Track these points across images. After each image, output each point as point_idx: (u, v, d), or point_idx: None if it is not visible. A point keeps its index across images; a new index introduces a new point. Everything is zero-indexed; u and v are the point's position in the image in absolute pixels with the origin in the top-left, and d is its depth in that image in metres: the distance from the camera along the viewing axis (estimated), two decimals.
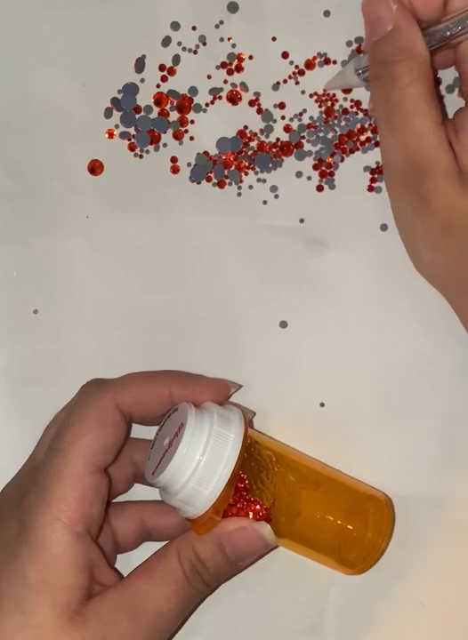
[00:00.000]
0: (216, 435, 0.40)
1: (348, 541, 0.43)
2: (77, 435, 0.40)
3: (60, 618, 0.38)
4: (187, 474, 0.39)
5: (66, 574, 0.38)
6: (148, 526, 0.44)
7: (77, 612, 0.38)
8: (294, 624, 0.47)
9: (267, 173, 0.48)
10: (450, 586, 0.47)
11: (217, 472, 0.39)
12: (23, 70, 0.47)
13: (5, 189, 0.47)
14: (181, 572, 0.40)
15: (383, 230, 0.47)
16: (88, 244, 0.48)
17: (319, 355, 0.47)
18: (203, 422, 0.40)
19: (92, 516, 0.40)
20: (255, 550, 0.41)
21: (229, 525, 0.40)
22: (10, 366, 0.47)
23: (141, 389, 0.42)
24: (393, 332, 0.47)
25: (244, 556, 0.41)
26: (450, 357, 0.47)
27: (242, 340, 0.48)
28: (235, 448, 0.40)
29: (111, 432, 0.41)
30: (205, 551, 0.40)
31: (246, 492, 0.41)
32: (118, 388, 0.42)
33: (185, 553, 0.40)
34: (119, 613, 0.39)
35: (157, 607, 0.39)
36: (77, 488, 0.39)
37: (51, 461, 0.40)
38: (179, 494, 0.40)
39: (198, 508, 0.40)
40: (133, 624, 0.39)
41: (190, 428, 0.40)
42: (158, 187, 0.48)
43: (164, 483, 0.40)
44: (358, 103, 0.48)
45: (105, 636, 0.38)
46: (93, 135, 0.48)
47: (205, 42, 0.48)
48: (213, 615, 0.47)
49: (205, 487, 0.39)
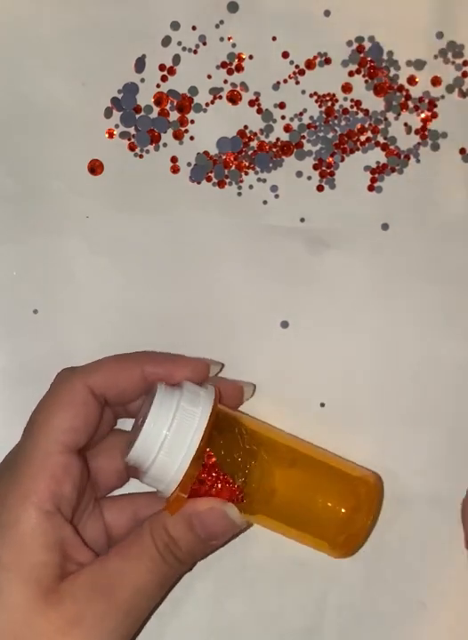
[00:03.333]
0: (182, 410, 0.40)
1: (333, 521, 0.43)
2: (47, 416, 0.40)
3: (34, 597, 0.38)
4: (154, 450, 0.39)
5: (36, 552, 0.38)
6: (141, 518, 0.44)
7: (51, 591, 0.38)
8: (293, 624, 0.47)
9: (267, 173, 0.48)
10: (450, 586, 0.47)
11: (183, 448, 0.39)
12: (23, 70, 0.47)
13: (5, 189, 0.47)
14: (154, 549, 0.40)
15: (383, 230, 0.47)
16: (88, 244, 0.48)
17: (320, 355, 0.47)
18: (171, 399, 0.40)
19: (61, 494, 0.39)
20: (224, 531, 0.41)
21: (199, 505, 0.40)
22: (9, 366, 0.47)
23: (112, 370, 0.42)
24: (393, 332, 0.47)
25: (214, 535, 0.41)
26: (450, 357, 0.47)
27: (242, 339, 0.47)
28: (201, 424, 0.40)
29: (81, 412, 0.41)
30: (177, 530, 0.40)
31: (217, 470, 0.41)
32: (89, 370, 0.42)
33: (157, 531, 0.40)
34: (94, 591, 0.38)
35: (132, 584, 0.39)
36: (46, 467, 0.39)
37: (21, 444, 0.41)
38: (149, 471, 0.40)
39: (168, 485, 0.40)
40: (108, 601, 0.38)
41: (157, 405, 0.40)
42: (158, 187, 0.48)
43: (134, 460, 0.40)
44: (358, 103, 0.48)
45: (80, 614, 0.38)
46: (93, 135, 0.48)
47: (206, 42, 0.48)
48: (213, 615, 0.47)
49: (173, 463, 0.40)
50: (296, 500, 0.43)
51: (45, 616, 0.37)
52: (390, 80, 0.48)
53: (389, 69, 0.48)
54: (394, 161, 0.48)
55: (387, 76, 0.48)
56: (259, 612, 0.47)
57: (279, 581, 0.47)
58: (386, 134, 0.48)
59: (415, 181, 0.48)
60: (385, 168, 0.48)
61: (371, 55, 0.48)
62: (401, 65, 0.48)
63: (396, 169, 0.48)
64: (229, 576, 0.47)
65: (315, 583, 0.46)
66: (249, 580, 0.46)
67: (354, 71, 0.48)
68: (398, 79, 0.48)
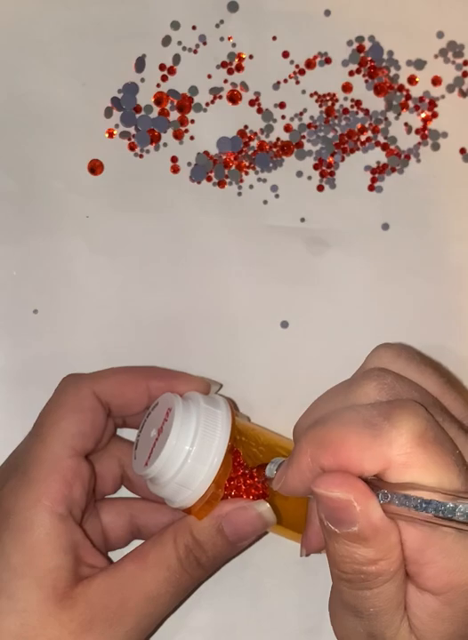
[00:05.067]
0: (206, 412, 0.40)
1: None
2: (55, 420, 0.40)
3: (48, 601, 0.37)
4: (182, 455, 0.39)
5: (50, 556, 0.38)
6: (137, 523, 0.44)
7: (65, 595, 0.38)
8: (294, 624, 0.47)
9: (267, 173, 0.48)
10: None
11: (212, 447, 0.39)
12: (23, 70, 0.47)
13: (5, 189, 0.47)
14: (175, 557, 0.39)
15: (384, 230, 0.47)
16: (88, 244, 0.48)
17: (320, 355, 0.47)
18: (189, 405, 0.41)
19: (72, 498, 0.39)
20: (255, 530, 0.40)
21: (226, 507, 0.40)
22: (10, 366, 0.47)
23: (119, 380, 0.43)
24: (393, 332, 0.47)
25: (244, 536, 0.40)
26: (451, 357, 0.47)
27: (242, 339, 0.47)
28: (225, 422, 0.40)
29: (88, 417, 0.41)
30: (204, 534, 0.40)
31: (242, 467, 0.40)
32: (96, 377, 0.42)
33: (182, 537, 0.39)
34: (108, 596, 0.38)
35: (147, 592, 0.39)
36: (57, 470, 0.39)
37: (30, 447, 0.40)
38: (176, 477, 0.39)
39: (198, 487, 0.39)
40: (121, 608, 0.38)
41: (180, 409, 0.40)
42: (158, 186, 0.48)
43: (158, 470, 0.40)
44: (358, 103, 0.48)
45: (93, 619, 0.38)
46: (93, 135, 0.48)
47: (206, 41, 0.48)
48: (214, 615, 0.47)
49: (203, 464, 0.39)
50: (298, 503, 0.43)
51: (59, 620, 0.37)
52: (390, 80, 0.48)
53: (389, 69, 0.48)
54: (394, 161, 0.48)
55: (387, 76, 0.48)
56: (259, 612, 0.47)
57: (279, 581, 0.47)
58: (386, 134, 0.48)
59: (415, 181, 0.48)
60: (385, 168, 0.48)
61: (371, 55, 0.48)
62: (401, 65, 0.48)
63: (396, 169, 0.48)
64: (230, 576, 0.47)
65: (315, 583, 0.46)
66: (249, 580, 0.46)
67: (354, 71, 0.48)
68: (398, 79, 0.48)
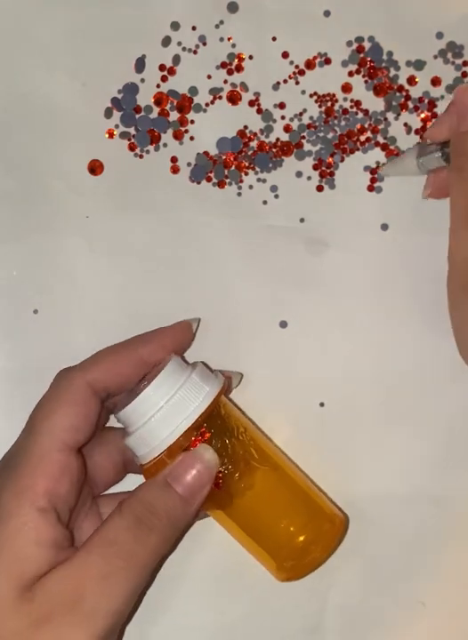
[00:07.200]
0: (191, 382, 0.40)
1: (288, 545, 0.42)
2: (47, 414, 0.40)
3: (13, 591, 0.37)
4: (153, 409, 0.40)
5: (24, 547, 0.38)
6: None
7: (28, 588, 0.37)
8: (294, 624, 0.47)
9: (267, 173, 0.48)
10: (450, 586, 0.47)
11: (182, 415, 0.40)
12: (23, 70, 0.48)
13: (5, 189, 0.47)
14: (122, 528, 0.39)
15: (383, 230, 0.47)
16: (88, 244, 0.48)
17: (319, 354, 0.47)
18: (182, 369, 0.41)
19: (58, 493, 0.39)
20: (200, 475, 0.40)
21: (173, 463, 0.40)
22: (10, 366, 0.47)
23: (110, 360, 0.42)
24: (393, 332, 0.47)
25: (191, 484, 0.40)
26: (450, 357, 0.47)
27: (241, 339, 0.48)
28: (206, 399, 0.40)
29: (81, 411, 0.41)
30: (152, 493, 0.39)
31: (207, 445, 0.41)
32: (87, 366, 0.42)
33: (128, 506, 0.39)
34: (64, 584, 0.38)
35: (98, 571, 0.38)
36: (44, 464, 0.39)
37: (21, 441, 0.41)
38: (141, 429, 0.40)
39: (154, 449, 0.40)
40: (76, 592, 0.38)
41: (170, 368, 0.40)
42: (158, 187, 0.48)
43: (128, 416, 0.40)
44: (358, 103, 0.48)
45: (52, 610, 0.37)
46: (93, 135, 0.48)
47: (206, 42, 0.48)
48: (214, 615, 0.47)
49: (167, 427, 0.40)
50: (263, 511, 0.42)
51: (19, 612, 0.37)
52: (390, 80, 0.48)
53: (389, 69, 0.48)
54: None
55: (387, 77, 0.48)
56: (259, 612, 0.47)
57: (279, 581, 0.47)
58: (386, 134, 0.48)
59: (414, 181, 0.48)
60: None
61: (371, 55, 0.48)
62: (401, 65, 0.48)
63: None
64: (230, 576, 0.47)
65: (315, 583, 0.46)
66: (249, 580, 0.46)
67: (354, 71, 0.48)
68: (398, 79, 0.48)
